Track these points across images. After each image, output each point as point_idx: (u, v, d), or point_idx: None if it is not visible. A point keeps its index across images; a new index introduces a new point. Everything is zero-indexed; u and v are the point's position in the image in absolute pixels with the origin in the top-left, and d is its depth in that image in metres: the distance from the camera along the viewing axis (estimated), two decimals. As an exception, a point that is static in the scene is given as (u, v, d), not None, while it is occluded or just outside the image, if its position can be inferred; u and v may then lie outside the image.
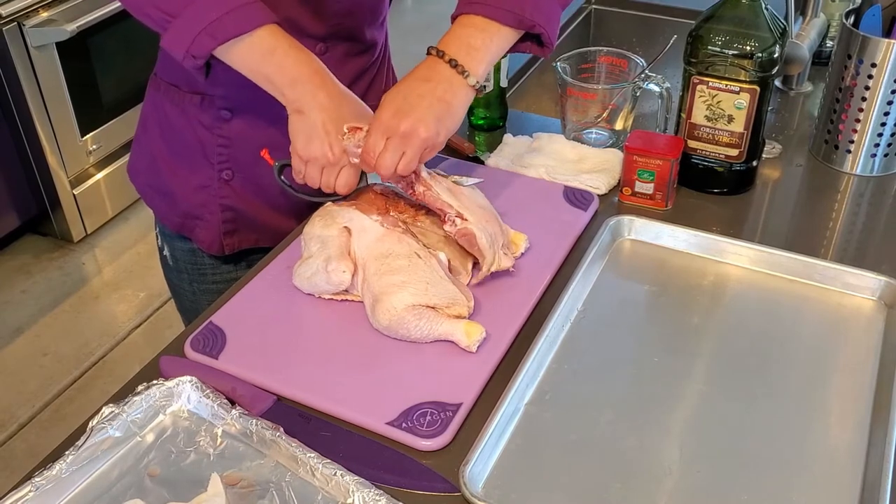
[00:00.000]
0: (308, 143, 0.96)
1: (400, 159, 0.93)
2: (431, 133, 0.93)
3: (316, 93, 0.95)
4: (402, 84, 0.95)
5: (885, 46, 1.13)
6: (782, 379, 0.90)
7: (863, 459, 0.81)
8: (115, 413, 0.82)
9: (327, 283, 0.96)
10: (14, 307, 2.64)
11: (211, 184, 1.18)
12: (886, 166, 1.22)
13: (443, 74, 0.95)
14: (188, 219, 1.22)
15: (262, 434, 0.81)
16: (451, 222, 0.97)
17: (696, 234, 1.07)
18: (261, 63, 0.95)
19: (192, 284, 1.29)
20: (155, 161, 1.22)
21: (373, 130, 0.93)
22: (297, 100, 0.95)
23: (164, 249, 1.31)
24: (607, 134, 1.28)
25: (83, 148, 2.75)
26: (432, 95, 0.93)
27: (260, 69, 0.95)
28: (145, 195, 1.29)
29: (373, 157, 0.93)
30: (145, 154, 1.25)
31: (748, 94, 1.08)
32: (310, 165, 0.97)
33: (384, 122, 0.93)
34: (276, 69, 0.94)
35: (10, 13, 2.41)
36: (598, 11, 1.79)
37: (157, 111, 1.20)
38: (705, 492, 0.78)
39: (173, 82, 1.15)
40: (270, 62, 0.94)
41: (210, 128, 1.15)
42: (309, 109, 0.95)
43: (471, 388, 0.87)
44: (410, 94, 0.94)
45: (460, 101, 0.96)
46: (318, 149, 0.95)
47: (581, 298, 1.00)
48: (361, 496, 0.75)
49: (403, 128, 0.92)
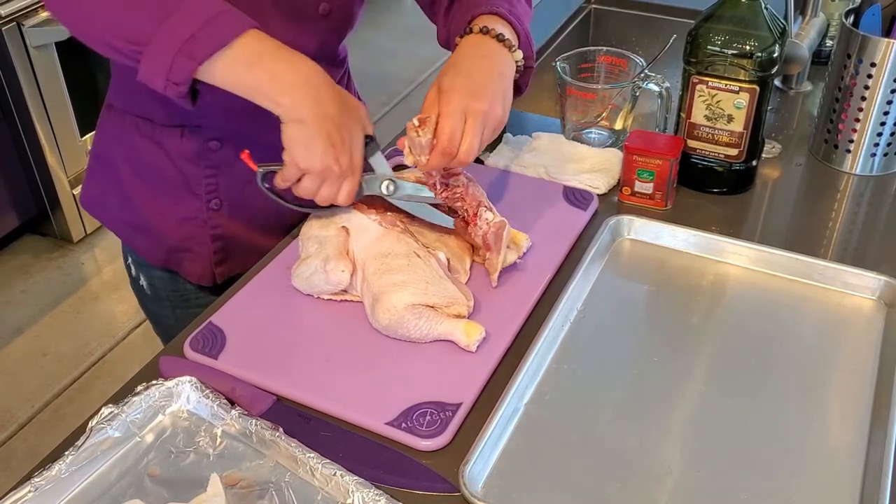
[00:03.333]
0: (309, 155, 0.87)
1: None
2: (504, 109, 0.89)
3: (318, 98, 0.87)
4: (459, 63, 0.90)
5: (884, 46, 1.13)
6: (782, 378, 0.90)
7: (863, 458, 0.81)
8: (114, 413, 0.82)
9: (326, 283, 0.96)
10: (13, 307, 2.64)
11: (198, 215, 1.13)
12: (886, 166, 1.22)
13: (494, 49, 0.91)
14: (174, 253, 1.16)
15: (261, 434, 0.81)
16: (483, 219, 0.96)
17: (696, 234, 1.07)
18: (248, 74, 0.85)
19: (175, 311, 1.24)
20: (127, 197, 1.15)
21: (450, 115, 0.87)
22: (296, 108, 0.86)
23: (141, 279, 1.24)
24: (607, 134, 1.28)
25: (83, 148, 2.75)
26: (493, 71, 0.89)
27: (248, 81, 0.86)
28: (119, 231, 1.21)
29: (456, 143, 0.86)
30: (111, 188, 1.17)
31: (748, 93, 1.08)
32: (308, 177, 0.90)
33: (460, 104, 0.86)
34: (268, 77, 0.86)
35: (9, 13, 2.41)
36: (597, 11, 1.78)
37: (121, 144, 1.13)
38: (705, 491, 0.78)
39: (143, 115, 1.09)
40: (259, 71, 0.85)
41: (194, 160, 1.09)
42: (312, 119, 0.86)
43: (470, 387, 0.87)
44: (475, 73, 0.88)
45: (512, 76, 0.92)
46: (321, 161, 0.87)
47: (581, 298, 1.00)
48: (361, 496, 0.75)
49: (483, 108, 0.86)
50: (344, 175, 0.90)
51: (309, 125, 0.86)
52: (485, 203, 0.98)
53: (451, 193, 0.97)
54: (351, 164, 0.90)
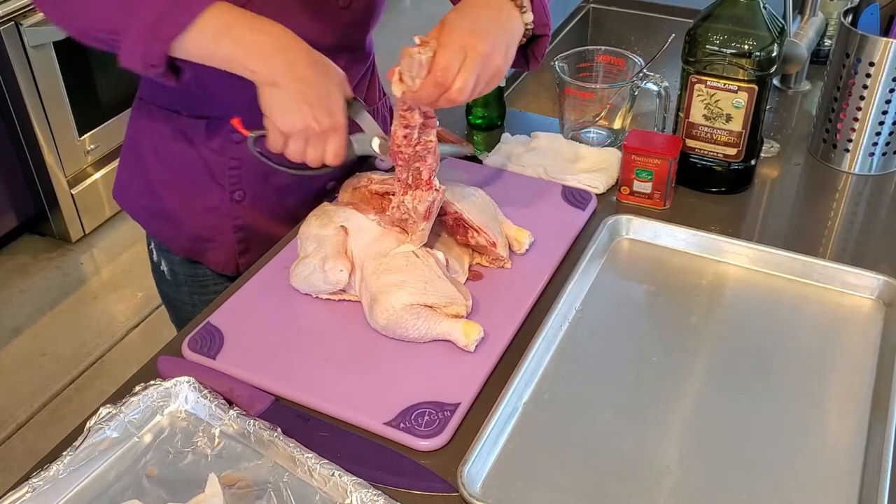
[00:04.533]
0: (287, 116, 0.89)
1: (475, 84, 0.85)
2: (505, 60, 0.87)
3: (293, 63, 0.88)
4: (464, 10, 0.88)
5: (883, 45, 1.12)
6: (781, 378, 0.90)
7: (861, 457, 0.81)
8: (112, 413, 0.82)
9: (324, 283, 0.96)
10: (12, 307, 2.64)
11: (222, 206, 1.15)
12: (884, 165, 1.22)
13: (503, 4, 0.90)
14: (198, 242, 1.19)
15: (259, 434, 0.81)
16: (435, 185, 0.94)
17: (695, 234, 1.07)
18: (217, 46, 0.88)
19: (193, 296, 1.27)
20: (153, 186, 1.18)
21: (449, 46, 0.84)
22: (271, 73, 0.88)
23: (162, 265, 1.28)
24: (605, 133, 1.28)
25: (81, 147, 2.75)
26: (499, 23, 0.88)
27: (218, 52, 0.88)
28: (144, 221, 1.24)
29: (451, 75, 0.84)
30: (139, 179, 1.20)
31: (746, 93, 1.08)
32: (292, 139, 0.91)
33: (462, 39, 0.84)
34: (237, 46, 0.88)
35: (7, 13, 2.40)
36: (596, 10, 1.78)
37: (150, 135, 1.16)
38: (704, 491, 0.78)
39: (170, 107, 1.12)
40: (228, 42, 0.88)
41: (219, 151, 1.12)
42: (286, 81, 0.88)
43: (469, 387, 0.87)
44: (479, 19, 0.87)
45: (518, 36, 0.90)
46: (301, 120, 0.89)
47: (579, 298, 1.00)
48: (359, 496, 0.75)
49: (484, 49, 0.84)
50: (326, 134, 0.91)
51: (283, 88, 0.88)
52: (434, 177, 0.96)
53: (422, 147, 0.93)
54: (332, 123, 0.90)
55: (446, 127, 1.31)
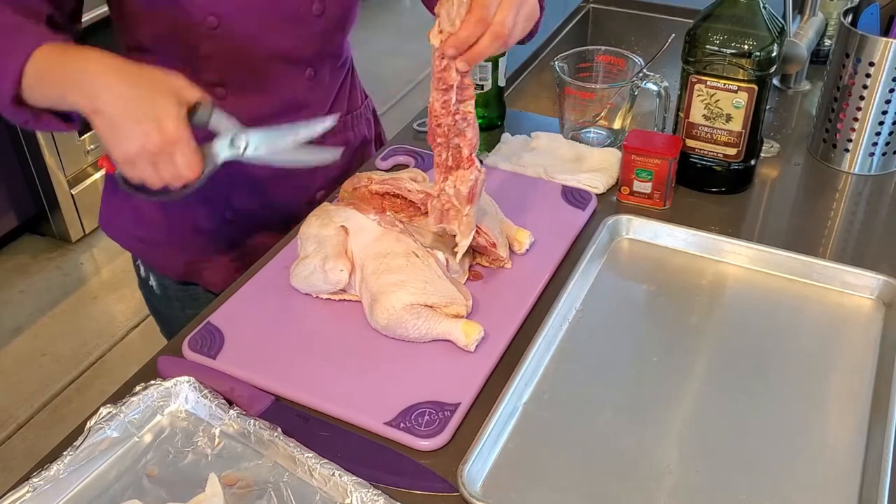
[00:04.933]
0: (118, 141, 0.82)
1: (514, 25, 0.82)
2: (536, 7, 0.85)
3: (110, 84, 0.82)
4: None
5: (882, 45, 1.12)
6: (781, 378, 0.90)
7: (861, 457, 0.81)
8: (112, 413, 0.82)
9: (325, 283, 0.96)
10: (12, 307, 2.64)
11: (214, 226, 1.14)
12: (884, 165, 1.22)
13: None
14: (193, 265, 1.18)
15: (260, 434, 0.81)
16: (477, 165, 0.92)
17: (695, 234, 1.07)
18: (43, 90, 0.85)
19: (185, 311, 1.24)
20: (142, 213, 1.15)
21: None
22: (91, 100, 0.82)
23: (151, 280, 1.25)
24: (605, 133, 1.28)
25: (81, 147, 2.75)
26: None
27: (49, 95, 0.85)
28: (137, 250, 1.22)
29: (492, 9, 0.81)
30: (126, 208, 1.17)
31: (746, 93, 1.08)
32: (138, 163, 0.84)
33: None
34: (59, 84, 0.84)
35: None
36: (595, 10, 1.78)
37: None
38: (704, 491, 0.78)
39: None
40: (48, 82, 0.85)
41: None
42: (107, 104, 0.82)
43: (469, 387, 0.87)
44: None
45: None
46: (132, 141, 0.82)
47: (579, 298, 1.00)
48: (360, 496, 0.75)
49: None
50: (167, 147, 0.83)
51: (106, 111, 0.83)
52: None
53: (461, 117, 0.89)
54: (164, 136, 0.82)
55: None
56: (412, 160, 1.23)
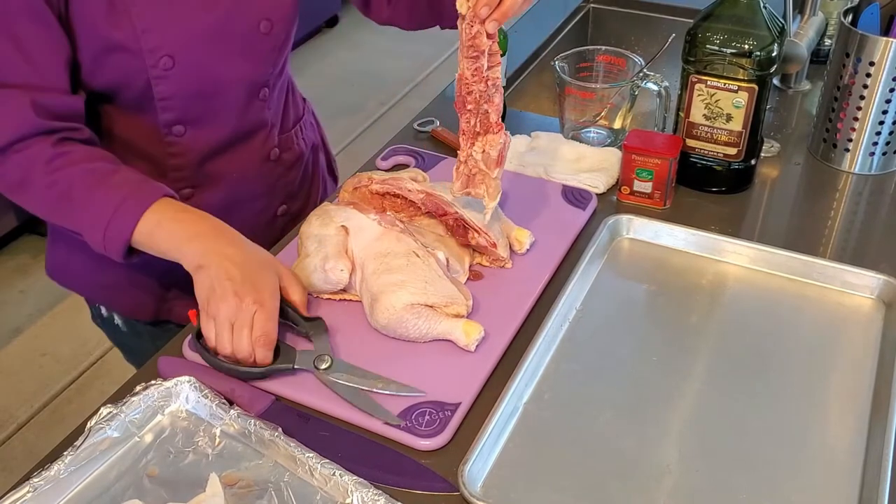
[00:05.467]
0: (215, 296, 0.87)
1: None
2: None
3: (218, 243, 0.90)
4: None
5: (883, 45, 1.13)
6: (781, 377, 0.90)
7: (862, 457, 0.81)
8: (113, 413, 0.82)
9: (325, 283, 0.96)
10: (12, 307, 2.64)
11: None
12: (885, 165, 1.22)
13: None
14: (163, 303, 1.15)
15: (260, 434, 0.81)
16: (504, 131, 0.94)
17: (695, 233, 1.07)
18: (153, 242, 0.91)
19: (156, 342, 1.15)
20: (99, 258, 1.02)
21: None
22: (197, 255, 0.89)
23: (115, 319, 1.21)
24: (606, 133, 1.28)
25: (81, 148, 2.74)
26: None
27: (157, 247, 0.92)
28: (98, 297, 1.19)
29: None
30: (79, 253, 1.10)
31: (746, 92, 1.08)
32: (218, 325, 0.87)
33: None
34: (168, 238, 0.91)
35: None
36: (596, 10, 1.78)
37: None
38: (704, 491, 0.78)
39: None
40: (159, 236, 0.91)
41: None
42: (210, 261, 0.88)
43: (469, 387, 0.87)
44: None
45: None
46: (225, 297, 0.86)
47: (580, 298, 1.00)
48: (360, 496, 0.75)
49: None
50: (251, 308, 0.86)
51: (208, 268, 0.88)
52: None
53: (491, 83, 0.91)
54: (257, 296, 0.87)
55: (447, 128, 1.32)
56: (412, 160, 1.23)
